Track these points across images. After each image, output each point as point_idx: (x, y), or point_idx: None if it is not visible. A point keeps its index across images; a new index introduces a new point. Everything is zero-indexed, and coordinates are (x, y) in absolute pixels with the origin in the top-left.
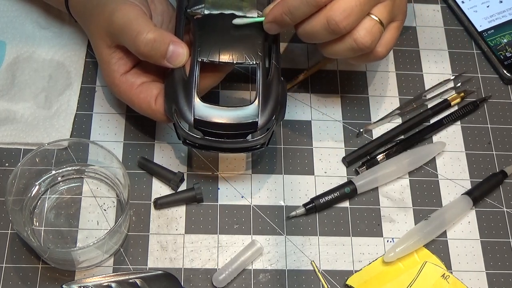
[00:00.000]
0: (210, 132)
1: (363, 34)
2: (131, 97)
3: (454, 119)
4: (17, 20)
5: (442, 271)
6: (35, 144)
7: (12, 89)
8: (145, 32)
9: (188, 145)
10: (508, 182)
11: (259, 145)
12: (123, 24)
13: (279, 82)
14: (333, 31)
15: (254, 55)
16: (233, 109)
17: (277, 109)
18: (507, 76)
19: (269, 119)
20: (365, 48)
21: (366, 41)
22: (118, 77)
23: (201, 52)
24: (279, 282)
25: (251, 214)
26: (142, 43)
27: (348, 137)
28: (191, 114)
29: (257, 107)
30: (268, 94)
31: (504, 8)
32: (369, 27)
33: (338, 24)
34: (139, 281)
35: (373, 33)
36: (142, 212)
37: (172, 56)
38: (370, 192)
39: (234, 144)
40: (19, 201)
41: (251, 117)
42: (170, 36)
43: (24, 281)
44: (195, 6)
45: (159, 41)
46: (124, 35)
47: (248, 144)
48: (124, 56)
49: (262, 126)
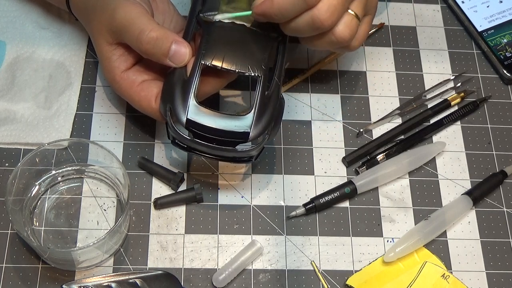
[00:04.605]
0: (200, 135)
1: (342, 29)
2: (132, 94)
3: (454, 119)
4: (17, 20)
5: (442, 271)
6: (35, 144)
7: (12, 89)
8: (147, 30)
9: (176, 146)
10: (508, 182)
11: (248, 158)
12: (125, 22)
13: (277, 99)
14: (317, 28)
15: (257, 68)
16: (227, 116)
17: (270, 125)
18: (507, 76)
19: (261, 133)
20: (343, 41)
21: (345, 35)
22: (119, 74)
23: (206, 55)
24: (279, 282)
25: (251, 214)
26: (145, 41)
27: (348, 137)
28: (184, 113)
29: (252, 119)
30: (264, 108)
31: (504, 8)
32: (347, 21)
33: (323, 22)
34: (139, 281)
35: (351, 27)
36: (142, 212)
37: (175, 54)
38: (370, 192)
39: (222, 152)
40: (19, 201)
41: (244, 128)
42: (173, 35)
43: (24, 281)
44: (209, 12)
45: (162, 39)
46: (126, 33)
47: (237, 154)
48: (125, 53)
49: (253, 138)
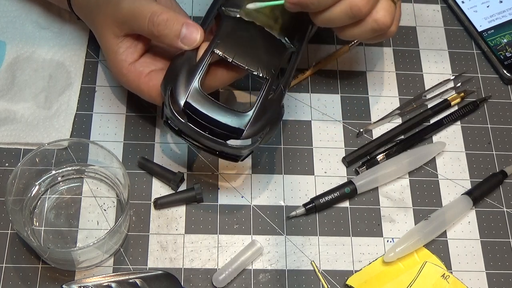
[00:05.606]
0: (194, 120)
1: (383, 15)
2: (140, 85)
3: (454, 119)
4: (17, 20)
5: (442, 271)
6: (35, 144)
7: (12, 89)
8: (158, 13)
9: (167, 126)
10: (508, 182)
11: (235, 156)
12: (133, 10)
13: (278, 106)
14: (354, 16)
15: (267, 70)
16: (226, 109)
17: (266, 129)
18: (507, 76)
19: (255, 134)
20: (385, 27)
21: (387, 20)
22: (127, 66)
23: (219, 45)
24: (279, 282)
25: (251, 214)
26: (156, 23)
27: (348, 137)
28: (185, 96)
29: (249, 118)
30: (264, 111)
31: (504, 8)
32: (386, 6)
33: (361, 9)
34: (139, 281)
35: (390, 12)
36: (142, 212)
37: (186, 36)
38: (370, 192)
39: (211, 143)
40: (19, 201)
41: (239, 124)
42: (183, 18)
43: (24, 281)
44: (231, 8)
45: (172, 21)
46: (136, 20)
47: (225, 150)
48: (132, 45)
49: (246, 137)
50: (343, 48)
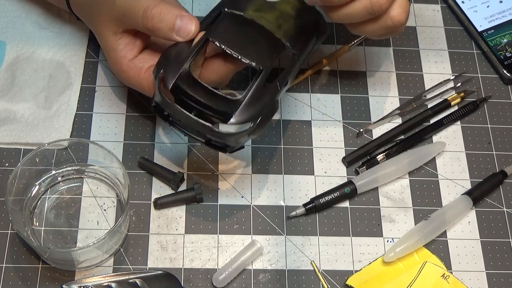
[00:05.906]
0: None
1: (398, 12)
2: (141, 81)
3: (454, 119)
4: (17, 20)
5: (442, 271)
6: (35, 144)
7: (12, 89)
8: (151, 7)
9: (156, 112)
10: (508, 182)
11: (223, 145)
12: (128, 5)
13: (272, 100)
14: (374, 12)
15: (262, 63)
16: (216, 94)
17: (256, 119)
18: (507, 76)
19: (244, 121)
20: (400, 25)
21: (402, 18)
22: (126, 63)
23: (215, 34)
24: (279, 282)
25: (251, 214)
26: (150, 17)
27: (348, 137)
28: (174, 78)
29: (239, 104)
30: (255, 101)
31: (504, 8)
32: (402, 3)
33: (382, 6)
34: (139, 281)
35: (406, 9)
36: (142, 212)
37: (181, 28)
38: (370, 192)
39: (199, 126)
40: (19, 201)
41: (228, 109)
42: (177, 10)
43: (24, 281)
44: (235, 10)
45: (166, 13)
46: (130, 15)
47: (213, 136)
48: (130, 41)
49: (233, 122)
50: (343, 48)
